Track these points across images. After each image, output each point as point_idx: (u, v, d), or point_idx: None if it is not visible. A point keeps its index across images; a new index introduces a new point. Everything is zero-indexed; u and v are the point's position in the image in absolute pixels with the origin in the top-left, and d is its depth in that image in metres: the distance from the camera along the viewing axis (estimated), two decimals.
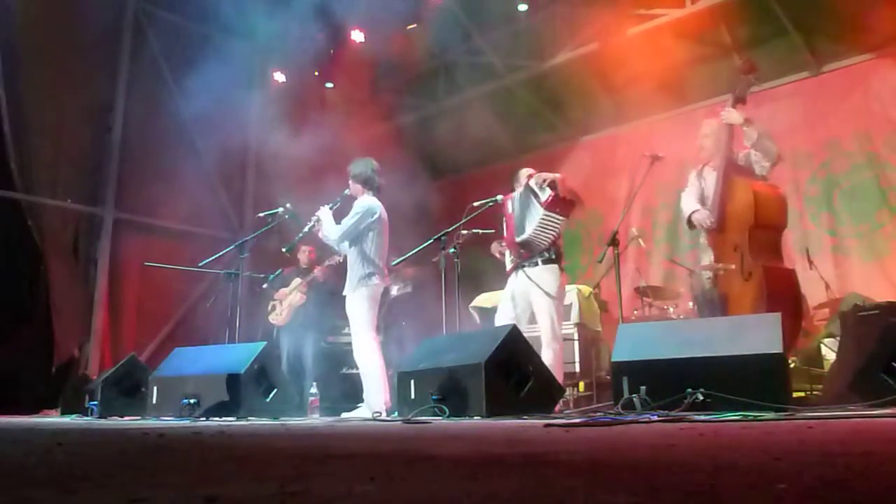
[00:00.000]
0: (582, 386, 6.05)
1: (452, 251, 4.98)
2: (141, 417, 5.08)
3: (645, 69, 7.56)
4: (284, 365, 6.24)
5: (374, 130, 9.98)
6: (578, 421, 2.97)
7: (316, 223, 5.09)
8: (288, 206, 5.69)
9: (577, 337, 6.12)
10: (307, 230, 5.16)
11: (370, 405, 4.68)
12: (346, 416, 4.88)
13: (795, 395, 4.68)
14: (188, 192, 8.46)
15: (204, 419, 4.46)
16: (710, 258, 4.39)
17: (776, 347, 3.23)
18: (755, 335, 3.36)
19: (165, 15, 8.73)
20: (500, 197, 5.02)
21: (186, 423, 4.11)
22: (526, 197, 4.78)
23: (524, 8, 8.15)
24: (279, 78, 9.13)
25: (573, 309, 6.22)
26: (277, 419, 4.46)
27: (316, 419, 5.00)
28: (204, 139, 8.69)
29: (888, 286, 6.42)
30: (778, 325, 3.31)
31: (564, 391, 4.81)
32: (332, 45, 8.88)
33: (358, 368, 4.87)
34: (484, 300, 6.59)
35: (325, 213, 5.06)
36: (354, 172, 5.10)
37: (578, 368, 6.02)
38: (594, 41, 7.96)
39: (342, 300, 4.97)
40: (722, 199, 4.27)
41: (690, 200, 4.53)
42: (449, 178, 10.46)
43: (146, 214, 8.39)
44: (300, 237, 5.34)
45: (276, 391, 4.85)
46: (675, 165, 6.49)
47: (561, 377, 4.46)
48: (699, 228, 4.49)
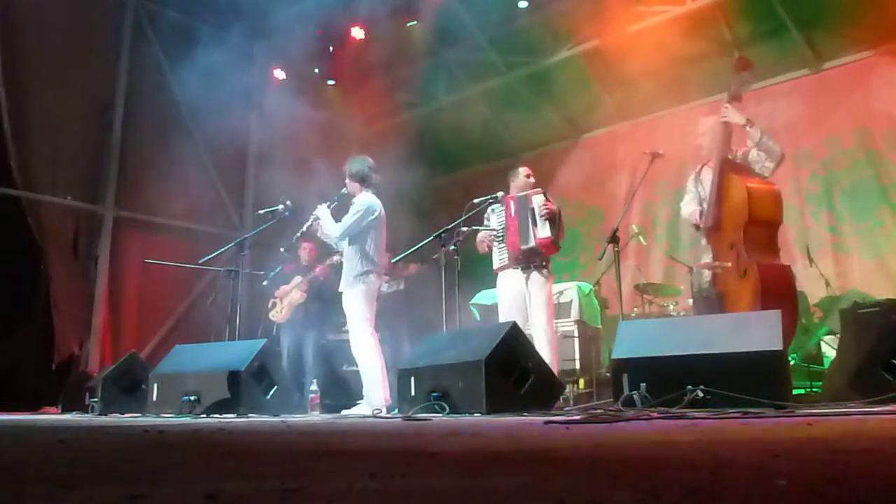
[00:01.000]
0: (582, 383, 6.05)
1: (452, 248, 4.98)
2: (141, 414, 5.08)
3: (645, 66, 7.55)
4: (285, 362, 6.23)
5: (374, 128, 9.98)
6: (579, 418, 2.97)
7: (314, 221, 5.09)
8: (288, 203, 5.69)
9: (577, 334, 6.12)
10: (305, 229, 5.17)
11: (370, 402, 4.68)
12: (346, 413, 4.89)
13: (795, 392, 4.69)
14: (188, 189, 8.45)
15: (204, 416, 4.46)
16: (709, 258, 4.39)
17: (776, 344, 3.24)
18: (755, 332, 3.36)
19: (166, 12, 8.71)
20: (500, 194, 5.08)
21: (187, 420, 4.11)
22: (524, 210, 4.89)
23: (524, 5, 8.12)
24: (279, 75, 9.11)
25: (573, 306, 6.23)
26: (278, 416, 4.46)
27: (316, 416, 5.00)
28: (204, 137, 8.68)
29: (888, 283, 6.42)
30: (778, 322, 3.32)
31: (564, 388, 4.82)
32: (332, 42, 8.86)
33: (358, 365, 4.88)
34: (484, 297, 6.59)
35: (323, 211, 5.05)
36: (351, 170, 5.10)
37: (578, 365, 6.03)
38: (594, 38, 7.96)
39: (341, 297, 4.98)
40: (718, 197, 4.26)
41: (691, 207, 4.54)
42: (449, 175, 10.47)
43: (146, 212, 8.37)
44: (298, 236, 5.35)
45: (276, 388, 4.86)
46: (675, 163, 6.49)
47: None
48: (690, 225, 4.53)
